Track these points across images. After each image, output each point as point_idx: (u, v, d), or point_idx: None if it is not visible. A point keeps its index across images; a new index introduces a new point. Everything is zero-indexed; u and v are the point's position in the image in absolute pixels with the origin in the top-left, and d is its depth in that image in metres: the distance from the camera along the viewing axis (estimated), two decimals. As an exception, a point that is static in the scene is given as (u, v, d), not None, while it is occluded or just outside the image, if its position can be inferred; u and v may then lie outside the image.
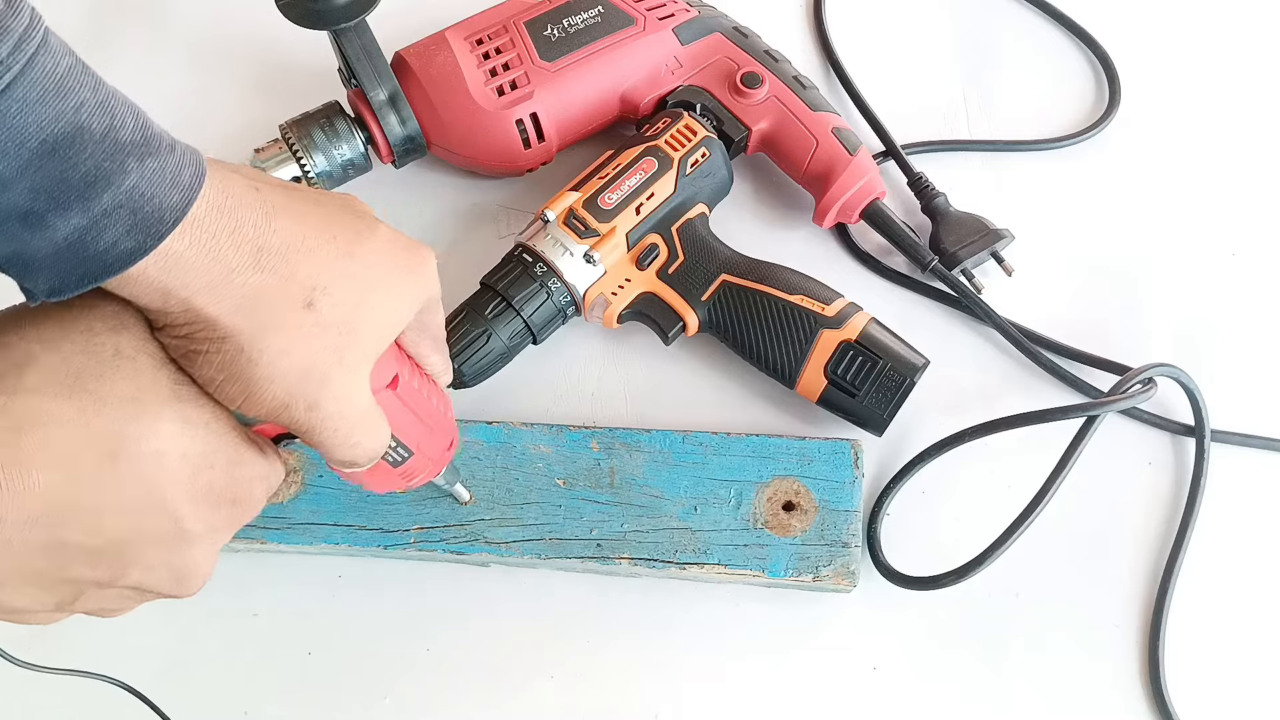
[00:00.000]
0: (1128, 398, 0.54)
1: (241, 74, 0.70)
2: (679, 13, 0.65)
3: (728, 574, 0.53)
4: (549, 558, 0.53)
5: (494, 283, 0.57)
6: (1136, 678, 0.54)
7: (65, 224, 0.30)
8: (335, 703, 0.53)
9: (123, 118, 0.31)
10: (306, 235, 0.34)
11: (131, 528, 0.32)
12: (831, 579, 0.53)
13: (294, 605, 0.55)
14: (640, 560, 0.53)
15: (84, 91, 0.30)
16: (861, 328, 0.56)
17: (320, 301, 0.34)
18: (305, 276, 0.34)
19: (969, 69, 0.72)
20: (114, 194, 0.30)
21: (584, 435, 0.56)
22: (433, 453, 0.43)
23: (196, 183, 0.32)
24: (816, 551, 0.53)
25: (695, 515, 0.54)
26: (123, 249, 0.31)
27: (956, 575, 0.52)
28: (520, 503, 0.55)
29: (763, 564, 0.53)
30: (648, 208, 0.58)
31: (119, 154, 0.30)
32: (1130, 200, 0.67)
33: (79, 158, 0.30)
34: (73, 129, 0.30)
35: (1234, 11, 0.74)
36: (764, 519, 0.54)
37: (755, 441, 0.56)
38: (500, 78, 0.61)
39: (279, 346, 0.33)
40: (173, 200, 0.31)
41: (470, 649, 0.54)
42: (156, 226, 0.31)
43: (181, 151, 0.32)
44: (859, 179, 0.61)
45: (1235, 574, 0.56)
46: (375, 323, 0.36)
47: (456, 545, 0.54)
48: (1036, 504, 0.52)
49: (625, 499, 0.55)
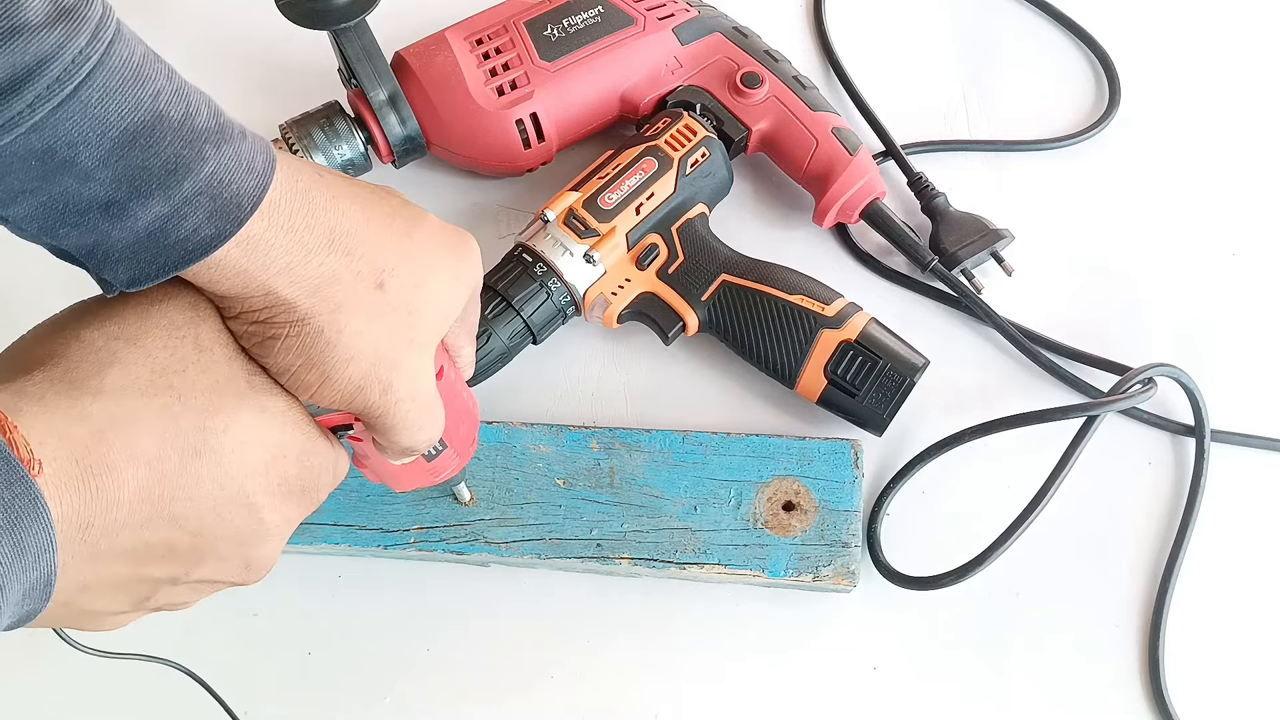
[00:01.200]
0: (1127, 398, 0.54)
1: (241, 74, 0.70)
2: (679, 13, 0.65)
3: (728, 574, 0.53)
4: (549, 557, 0.53)
5: (494, 282, 0.57)
6: (1136, 678, 0.54)
7: (147, 213, 0.30)
8: (335, 703, 0.53)
9: (198, 105, 0.32)
10: (370, 219, 0.35)
11: (212, 522, 0.32)
12: (831, 579, 0.53)
13: (294, 605, 0.55)
14: (640, 560, 0.53)
15: (160, 79, 0.31)
16: (861, 328, 0.56)
17: (389, 283, 0.35)
18: (375, 258, 0.34)
19: (969, 69, 0.72)
20: (194, 181, 0.31)
21: (584, 435, 0.56)
22: (462, 447, 0.43)
23: (269, 168, 0.32)
24: (816, 551, 0.53)
25: (695, 515, 0.54)
26: (204, 235, 0.31)
27: (956, 575, 0.52)
28: (520, 503, 0.54)
29: (763, 564, 0.53)
30: (648, 208, 0.58)
31: (197, 141, 0.31)
32: (1130, 200, 0.67)
33: (159, 145, 0.30)
34: (153, 117, 0.30)
35: (1234, 11, 0.74)
36: (764, 519, 0.54)
37: (755, 441, 0.56)
38: (500, 78, 0.61)
39: (355, 327, 0.34)
40: (250, 185, 0.32)
41: (470, 649, 0.54)
42: (235, 212, 0.31)
43: (253, 138, 0.33)
44: (859, 179, 0.61)
45: (1235, 574, 0.56)
46: (437, 305, 0.36)
47: (457, 545, 0.54)
48: (1036, 504, 0.52)
49: (625, 499, 0.55)
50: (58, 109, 0.28)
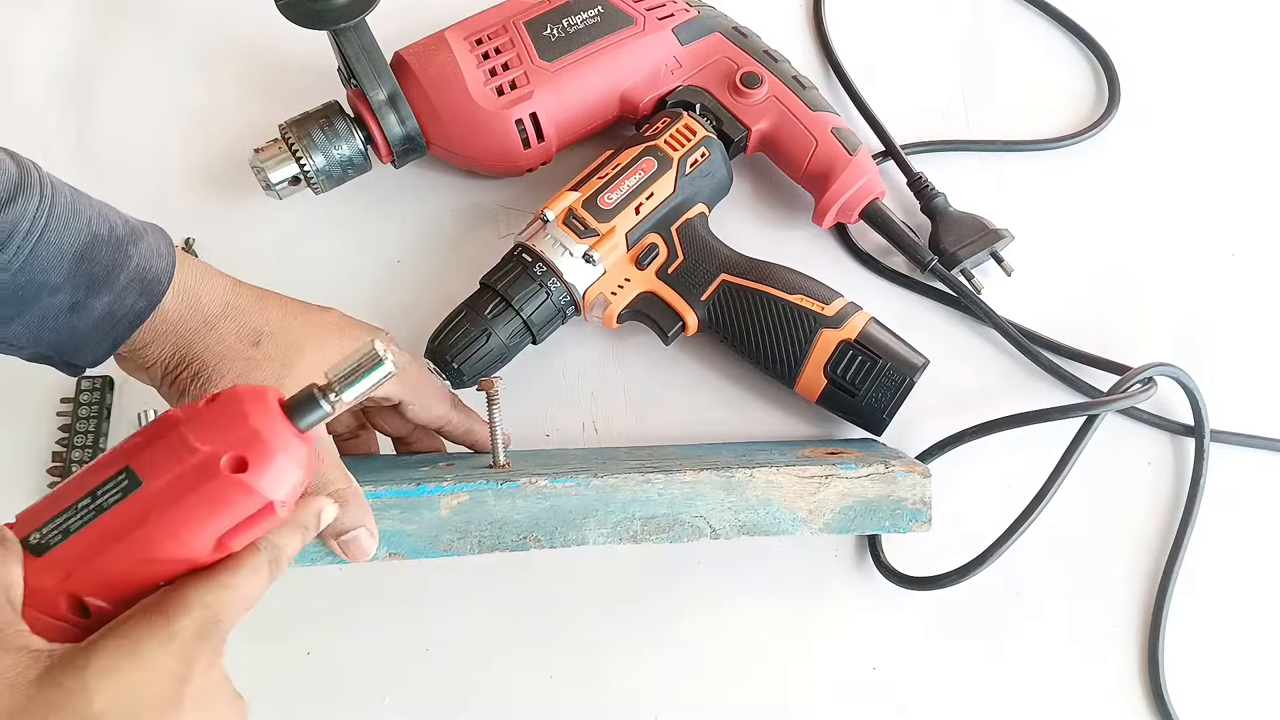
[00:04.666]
0: (1127, 397, 0.54)
1: (241, 74, 0.70)
2: (679, 13, 0.65)
3: (797, 476, 0.49)
4: (603, 475, 0.48)
5: (493, 282, 0.57)
6: (1136, 678, 0.54)
7: (100, 303, 0.43)
8: (335, 703, 0.53)
9: (113, 220, 0.44)
10: (265, 300, 0.47)
11: None
12: (902, 466, 0.50)
13: (294, 605, 0.55)
14: (706, 468, 0.48)
15: (87, 209, 0.43)
16: (861, 327, 0.56)
17: (265, 342, 0.46)
18: (257, 323, 0.46)
19: (969, 69, 0.72)
20: (127, 273, 0.43)
21: (611, 448, 0.56)
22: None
23: (170, 250, 0.45)
24: (878, 457, 0.51)
25: (747, 455, 0.52)
26: (139, 308, 0.44)
27: (958, 575, 0.52)
28: (558, 464, 0.51)
29: (833, 461, 0.50)
30: (647, 207, 0.58)
31: (122, 245, 0.43)
32: (1130, 200, 0.67)
33: (99, 255, 0.43)
34: (90, 237, 0.42)
35: (1234, 11, 0.74)
36: (816, 457, 0.52)
37: (781, 442, 0.56)
38: (500, 78, 0.61)
39: (234, 373, 0.45)
40: (163, 265, 0.44)
41: (470, 649, 0.54)
42: (157, 286, 0.44)
43: (152, 230, 0.45)
44: (858, 179, 0.61)
45: (1235, 574, 0.56)
46: (307, 364, 0.46)
47: (499, 480, 0.47)
48: (1037, 504, 0.52)
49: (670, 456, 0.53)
50: (32, 250, 0.41)
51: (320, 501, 0.39)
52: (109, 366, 0.60)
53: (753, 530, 0.49)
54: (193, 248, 0.63)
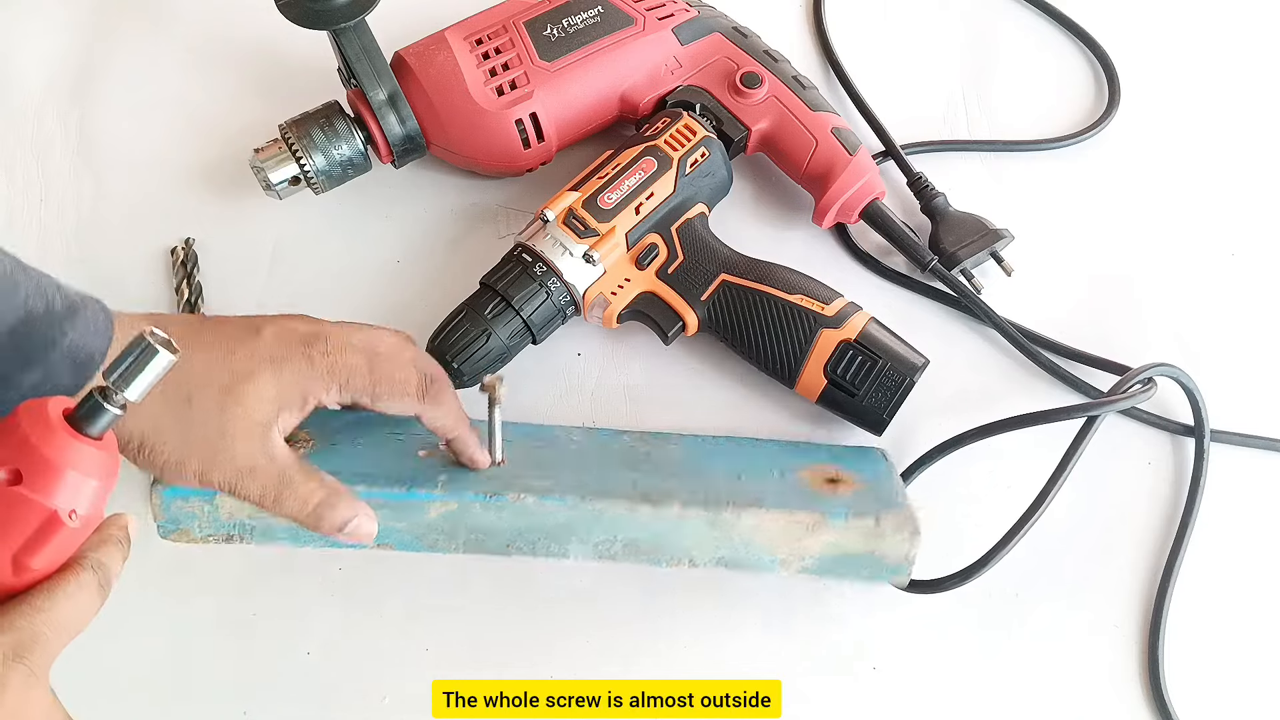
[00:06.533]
0: (1128, 397, 0.54)
1: (241, 74, 0.70)
2: (679, 13, 0.65)
3: (785, 520, 0.48)
4: (591, 499, 0.48)
5: (493, 282, 0.57)
6: (1136, 678, 0.54)
7: (29, 379, 0.40)
8: (335, 703, 0.53)
9: (51, 295, 0.41)
10: (195, 350, 0.44)
11: None
12: (894, 523, 0.48)
13: (294, 605, 0.55)
14: (693, 504, 0.48)
15: (25, 284, 0.41)
16: (861, 327, 0.56)
17: (195, 396, 0.44)
18: (186, 382, 0.43)
19: (969, 69, 0.72)
20: (59, 351, 0.41)
21: (614, 433, 0.55)
22: None
23: (108, 325, 0.43)
24: (871, 506, 0.50)
25: (741, 481, 0.52)
26: (65, 387, 0.41)
27: (962, 577, 0.52)
28: (555, 467, 0.51)
29: (822, 509, 0.49)
30: (647, 207, 0.58)
31: (55, 322, 0.41)
32: (1130, 200, 0.67)
33: (33, 332, 0.40)
34: (25, 313, 0.40)
35: (1234, 12, 0.74)
36: (811, 488, 0.52)
37: (785, 443, 0.55)
38: (500, 78, 0.61)
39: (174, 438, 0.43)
40: (98, 344, 0.42)
41: (470, 649, 0.54)
42: (89, 367, 0.42)
43: (92, 304, 0.43)
44: (858, 179, 0.61)
45: (1235, 574, 0.56)
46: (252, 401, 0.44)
47: (487, 489, 0.48)
48: (1038, 505, 0.52)
49: (666, 471, 0.52)
50: None
51: (123, 517, 0.39)
52: (109, 366, 0.60)
53: (731, 565, 0.50)
54: (193, 247, 0.63)
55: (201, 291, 0.62)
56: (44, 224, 0.65)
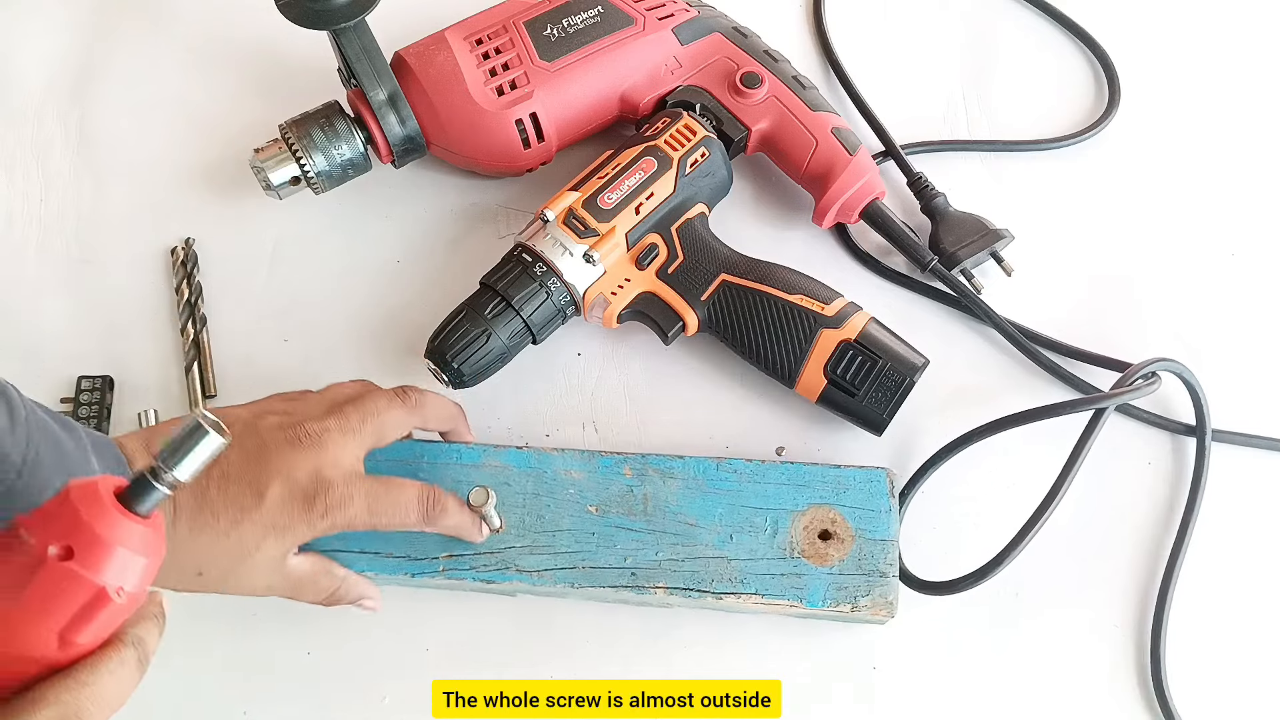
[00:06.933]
0: (1133, 391, 0.54)
1: (241, 74, 0.70)
2: (679, 13, 0.65)
3: (764, 604, 0.52)
4: (582, 586, 0.52)
5: (494, 282, 0.57)
6: (1136, 678, 0.54)
7: None
8: (335, 703, 0.53)
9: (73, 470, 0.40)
10: (196, 530, 0.45)
11: None
12: (870, 609, 0.51)
13: (294, 605, 0.54)
14: (676, 590, 0.52)
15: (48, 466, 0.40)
16: (861, 327, 0.56)
17: (206, 572, 0.46)
18: (193, 560, 0.46)
19: (969, 69, 0.72)
20: None
21: (616, 461, 0.55)
22: None
23: None
24: (854, 581, 0.51)
25: (731, 544, 0.53)
26: None
27: (973, 579, 0.52)
28: (552, 530, 0.53)
29: (800, 594, 0.51)
30: (647, 207, 0.58)
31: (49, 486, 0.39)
32: (1130, 200, 0.67)
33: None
34: None
35: (1234, 12, 0.74)
36: (800, 548, 0.52)
37: (790, 469, 0.54)
38: (500, 78, 0.61)
39: None
40: None
41: (470, 649, 0.54)
42: None
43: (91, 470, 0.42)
44: (858, 179, 0.61)
45: (1235, 574, 0.56)
46: (245, 581, 0.48)
47: (486, 573, 0.52)
48: (1048, 503, 0.52)
49: (659, 526, 0.53)
50: None
51: (159, 594, 0.40)
52: (108, 365, 0.60)
53: (711, 614, 0.55)
54: (193, 247, 0.63)
55: (201, 291, 0.62)
56: (44, 224, 0.65)
